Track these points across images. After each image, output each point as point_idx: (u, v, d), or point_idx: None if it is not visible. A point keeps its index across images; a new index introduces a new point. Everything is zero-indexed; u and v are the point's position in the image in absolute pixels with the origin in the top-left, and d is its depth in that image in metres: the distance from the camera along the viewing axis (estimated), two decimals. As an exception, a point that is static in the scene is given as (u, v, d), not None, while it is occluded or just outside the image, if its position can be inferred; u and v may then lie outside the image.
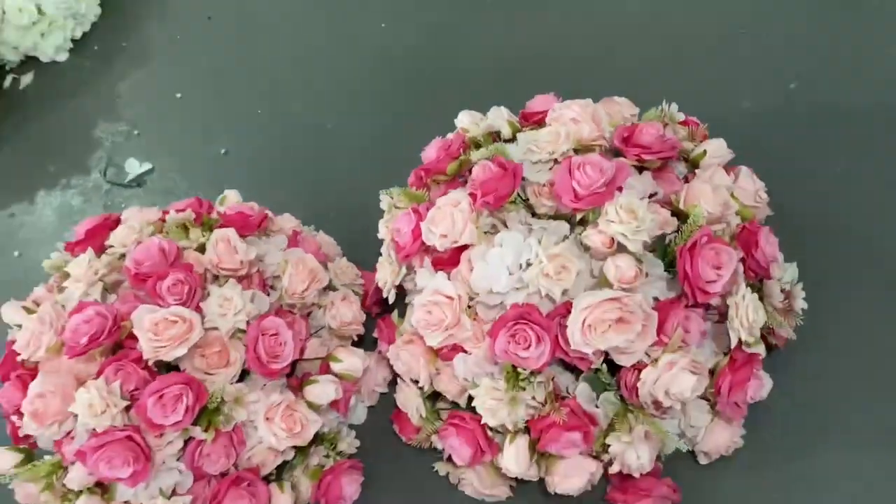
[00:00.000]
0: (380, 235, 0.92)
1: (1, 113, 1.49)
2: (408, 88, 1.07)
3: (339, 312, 0.91)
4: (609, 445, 0.76)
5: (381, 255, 0.91)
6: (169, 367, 0.82)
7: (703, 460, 0.85)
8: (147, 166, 1.32)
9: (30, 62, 1.55)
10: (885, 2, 1.05)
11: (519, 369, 0.74)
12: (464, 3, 1.27)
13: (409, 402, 0.87)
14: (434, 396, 0.90)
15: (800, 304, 0.83)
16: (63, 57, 1.53)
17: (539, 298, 0.75)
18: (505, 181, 0.76)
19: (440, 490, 0.90)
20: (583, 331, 0.71)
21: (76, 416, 0.81)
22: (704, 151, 0.85)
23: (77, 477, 0.80)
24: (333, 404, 0.90)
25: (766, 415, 0.85)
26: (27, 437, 0.90)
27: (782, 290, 0.82)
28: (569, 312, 0.72)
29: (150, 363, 0.82)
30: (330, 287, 0.95)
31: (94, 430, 0.79)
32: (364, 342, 0.97)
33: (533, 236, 0.76)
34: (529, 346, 0.73)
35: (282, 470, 0.90)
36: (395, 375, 0.91)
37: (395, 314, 0.92)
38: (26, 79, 1.53)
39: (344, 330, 0.92)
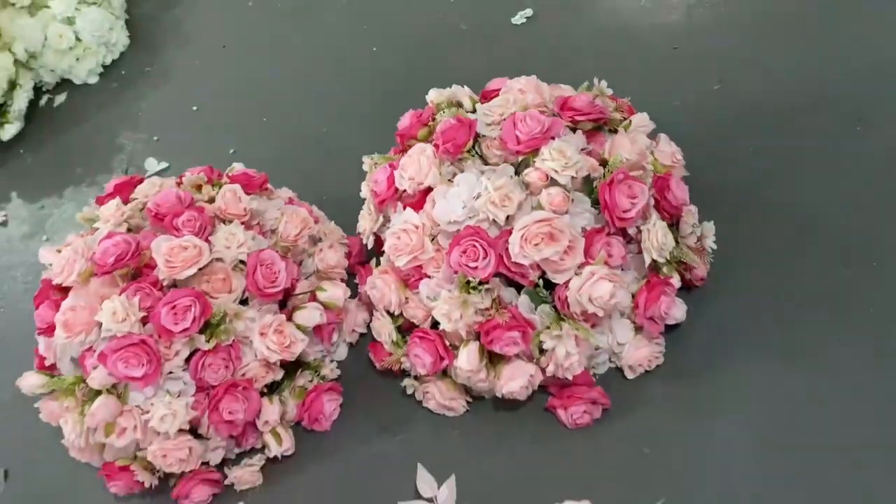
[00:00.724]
0: (362, 195, 1.10)
1: (36, 126, 1.69)
2: (392, 101, 1.24)
3: (326, 256, 1.08)
4: (544, 346, 0.91)
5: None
6: (180, 291, 0.98)
7: (629, 374, 1.00)
8: (164, 164, 1.50)
9: (64, 84, 1.76)
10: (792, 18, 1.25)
11: (469, 279, 0.90)
12: (440, 30, 1.48)
13: (383, 329, 1.03)
14: (402, 332, 1.05)
15: (710, 243, 1.01)
16: (94, 80, 1.74)
17: (488, 224, 0.92)
18: (462, 131, 0.95)
19: (408, 410, 1.05)
20: (521, 244, 0.88)
21: (100, 328, 0.97)
22: (630, 121, 1.03)
23: (98, 377, 0.95)
24: (318, 333, 1.06)
25: (685, 339, 1.00)
26: (52, 366, 1.05)
27: (693, 232, 0.99)
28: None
29: (165, 285, 0.99)
30: (319, 240, 1.12)
31: (114, 336, 0.95)
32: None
33: (484, 177, 0.93)
34: (478, 258, 0.89)
35: (272, 389, 1.05)
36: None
37: (373, 261, 1.09)
38: (60, 98, 1.74)
39: (329, 272, 1.09)
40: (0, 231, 1.52)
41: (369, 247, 1.08)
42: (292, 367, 1.07)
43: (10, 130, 1.64)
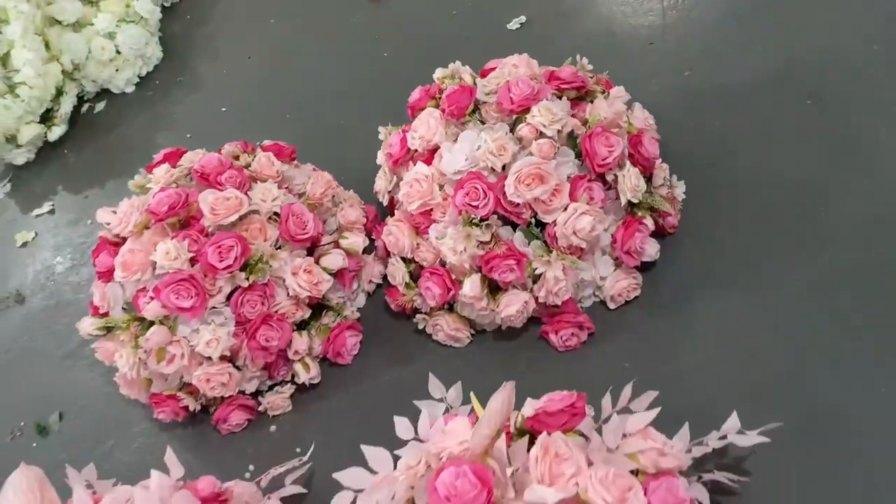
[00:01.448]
0: (378, 162, 1.27)
1: (78, 130, 1.88)
2: (401, 98, 1.40)
3: (346, 213, 1.25)
4: (537, 274, 1.07)
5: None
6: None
7: (611, 305, 1.15)
8: (197, 156, 1.67)
9: (103, 93, 1.95)
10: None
11: (472, 216, 1.06)
12: (443, 36, 1.67)
13: (397, 272, 1.19)
14: (413, 277, 1.20)
15: (679, 193, 1.17)
16: (131, 89, 1.93)
17: (487, 172, 1.08)
18: (464, 96, 1.12)
19: (419, 345, 1.20)
20: (515, 185, 1.04)
21: (153, 269, 1.13)
22: (608, 93, 1.20)
23: (152, 309, 1.11)
24: (340, 278, 1.22)
25: (659, 277, 1.16)
26: (105, 314, 1.21)
27: (664, 184, 1.16)
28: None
29: (210, 232, 1.15)
30: (339, 203, 1.29)
31: (167, 273, 1.10)
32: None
33: (483, 133, 1.10)
34: (479, 198, 1.06)
35: (300, 327, 1.20)
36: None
37: (387, 218, 1.25)
38: (100, 105, 1.93)
39: (349, 227, 1.25)
40: (48, 218, 1.69)
41: (384, 204, 1.24)
42: (317, 309, 1.22)
43: (57, 132, 1.81)
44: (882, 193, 1.14)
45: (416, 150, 1.15)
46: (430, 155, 1.14)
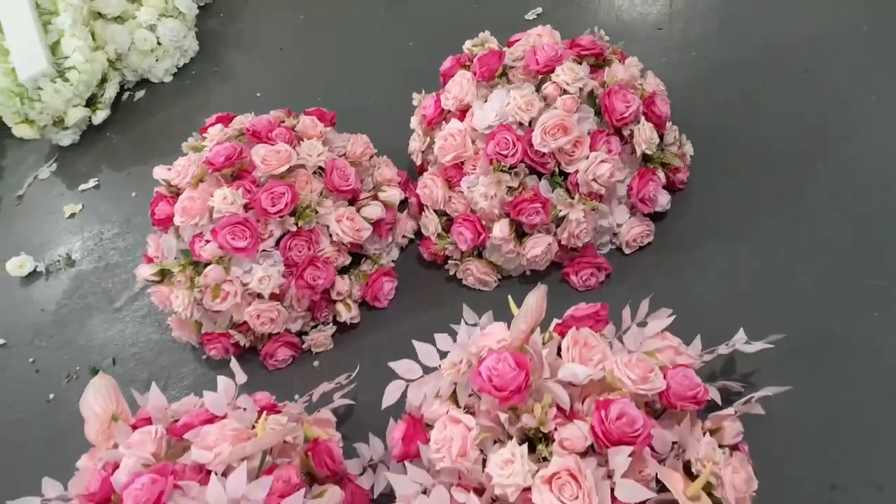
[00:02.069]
0: (411, 126, 1.39)
1: (120, 115, 1.99)
2: (426, 82, 1.51)
3: (383, 171, 1.36)
4: (561, 218, 1.19)
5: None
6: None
7: (626, 250, 1.26)
8: (235, 135, 1.79)
9: (143, 83, 2.07)
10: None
11: (502, 164, 1.18)
12: (465, 27, 1.79)
13: (430, 223, 1.30)
14: (444, 229, 1.32)
15: (689, 150, 1.29)
16: (169, 79, 2.06)
17: (516, 126, 1.20)
18: (494, 59, 1.24)
19: (450, 291, 1.31)
20: (541, 136, 1.16)
21: (210, 214, 1.24)
22: (624, 58, 1.32)
23: (210, 249, 1.22)
24: (377, 230, 1.33)
25: (670, 227, 1.27)
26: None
27: (675, 143, 1.28)
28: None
29: (261, 183, 1.26)
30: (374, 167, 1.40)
31: (222, 217, 1.21)
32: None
33: (512, 91, 1.22)
34: (508, 147, 1.17)
35: (341, 273, 1.31)
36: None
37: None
38: (140, 93, 2.05)
39: (385, 183, 1.36)
40: (94, 192, 1.80)
41: (417, 163, 1.36)
42: (356, 259, 1.33)
43: (101, 116, 1.94)
44: (871, 155, 1.26)
45: (448, 111, 1.27)
46: (462, 114, 1.26)
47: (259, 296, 1.23)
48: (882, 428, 0.98)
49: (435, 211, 1.30)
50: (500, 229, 1.19)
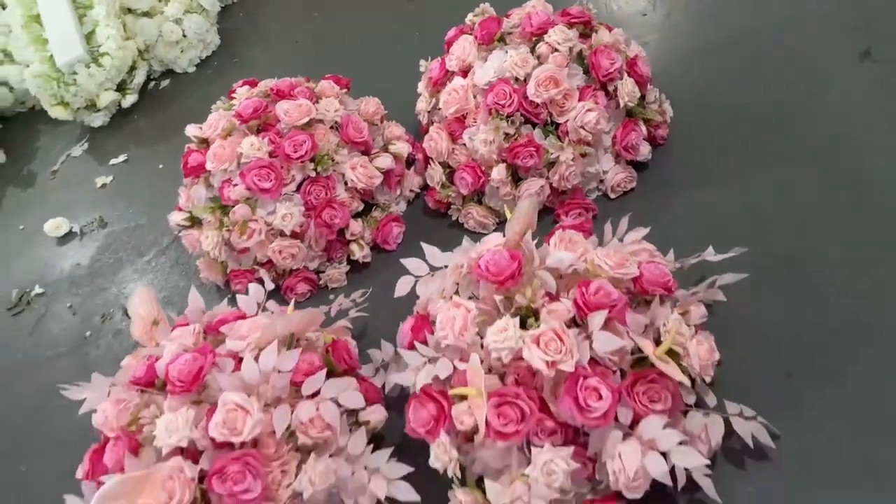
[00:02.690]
0: (418, 90, 1.54)
1: (146, 101, 2.15)
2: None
3: (392, 129, 1.51)
4: (552, 163, 1.33)
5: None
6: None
7: (612, 195, 1.40)
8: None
9: (167, 73, 2.23)
10: None
11: (500, 113, 1.33)
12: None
13: (435, 173, 1.44)
14: (448, 179, 1.46)
15: (668, 108, 1.44)
16: (192, 69, 2.22)
17: (512, 80, 1.35)
18: (493, 24, 1.40)
19: (452, 236, 1.44)
20: (535, 87, 1.30)
21: (238, 160, 1.38)
22: (610, 29, 1.48)
23: (238, 190, 1.36)
24: (387, 181, 1.47)
25: (651, 177, 1.41)
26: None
27: (656, 101, 1.43)
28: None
29: (284, 133, 1.41)
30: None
31: (250, 162, 1.36)
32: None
33: (509, 51, 1.38)
34: (505, 98, 1.32)
35: (354, 218, 1.45)
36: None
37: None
38: (165, 82, 2.21)
39: (394, 139, 1.51)
40: (123, 166, 1.95)
41: (424, 123, 1.51)
42: (367, 207, 1.47)
43: (130, 100, 2.10)
44: (839, 113, 1.40)
45: (452, 71, 1.42)
46: (464, 73, 1.41)
47: (282, 234, 1.37)
48: (835, 325, 1.11)
49: (439, 163, 1.44)
50: (498, 172, 1.33)
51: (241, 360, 1.02)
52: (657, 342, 0.96)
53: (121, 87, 2.09)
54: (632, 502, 0.90)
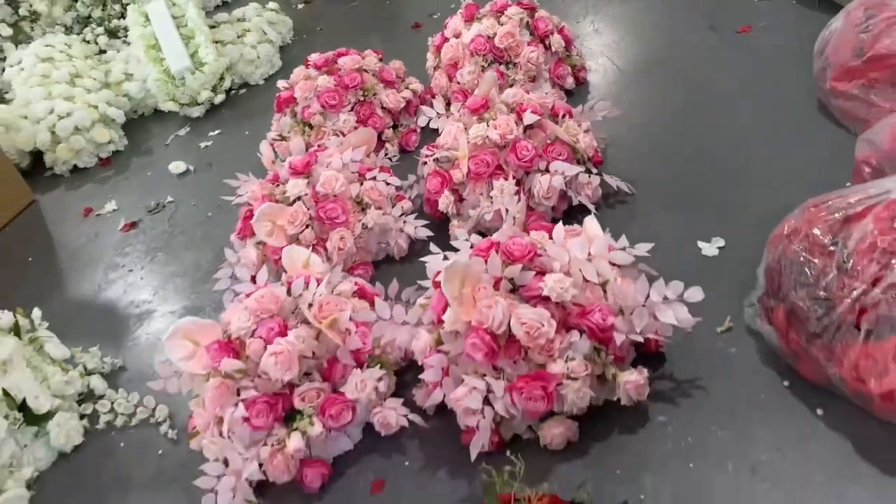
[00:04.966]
0: (427, 56, 2.40)
1: (229, 101, 3.01)
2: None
3: (410, 80, 2.36)
4: (511, 84, 2.17)
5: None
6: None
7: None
8: (312, 98, 2.80)
9: (244, 85, 3.11)
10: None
11: (479, 54, 2.17)
12: None
13: (438, 102, 2.28)
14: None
15: (585, 60, 2.29)
16: (262, 82, 3.10)
17: (485, 38, 2.21)
18: (473, 8, 2.26)
19: (450, 140, 2.27)
20: (500, 39, 2.16)
21: (315, 91, 2.23)
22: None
23: (315, 107, 2.20)
24: (408, 108, 2.31)
25: (576, 99, 2.25)
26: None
27: (576, 54, 2.29)
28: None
29: (342, 75, 2.26)
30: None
31: (322, 90, 2.20)
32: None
33: (483, 21, 2.24)
34: (482, 45, 2.17)
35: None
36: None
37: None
38: (242, 91, 3.09)
39: (412, 83, 2.36)
40: (218, 136, 2.79)
41: (431, 75, 2.36)
42: (395, 126, 2.30)
43: (219, 98, 2.96)
44: (695, 57, 2.24)
45: (448, 38, 2.28)
46: (456, 37, 2.27)
47: (343, 133, 2.18)
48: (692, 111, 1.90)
49: (441, 96, 2.28)
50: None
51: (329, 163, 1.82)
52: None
53: (213, 90, 2.95)
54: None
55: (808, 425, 1.17)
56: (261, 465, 1.29)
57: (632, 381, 1.22)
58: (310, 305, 1.35)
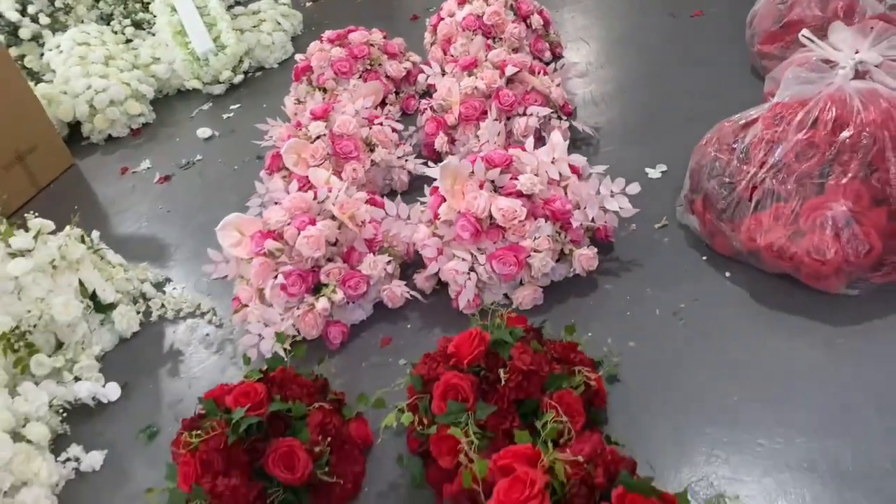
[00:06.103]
0: (425, 35, 2.78)
1: (247, 83, 3.38)
2: None
3: (410, 54, 2.74)
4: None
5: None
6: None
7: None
8: (322, 77, 3.18)
9: (260, 68, 3.48)
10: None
11: (469, 30, 2.55)
12: None
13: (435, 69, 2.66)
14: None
15: (561, 38, 2.68)
16: (276, 65, 3.47)
17: (475, 16, 2.59)
18: (465, -8, 2.66)
19: (445, 105, 2.65)
20: (488, 16, 2.54)
21: (329, 60, 2.60)
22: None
23: (328, 74, 2.57)
24: (408, 76, 2.68)
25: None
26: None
27: (554, 33, 2.67)
28: None
29: (352, 47, 2.63)
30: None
31: (335, 59, 2.58)
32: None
33: (474, 3, 2.63)
34: (473, 22, 2.55)
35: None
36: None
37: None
38: (258, 73, 3.46)
39: (411, 56, 2.73)
40: (239, 110, 3.15)
41: (429, 50, 2.74)
42: (397, 91, 2.67)
43: (238, 79, 3.32)
44: (655, 44, 2.63)
45: (443, 17, 2.66)
46: (450, 17, 2.65)
47: (351, 97, 2.55)
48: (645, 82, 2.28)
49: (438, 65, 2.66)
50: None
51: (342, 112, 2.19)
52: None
53: (233, 70, 3.32)
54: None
55: (718, 283, 1.53)
56: (293, 327, 1.63)
57: (584, 254, 1.58)
58: (332, 204, 1.71)
